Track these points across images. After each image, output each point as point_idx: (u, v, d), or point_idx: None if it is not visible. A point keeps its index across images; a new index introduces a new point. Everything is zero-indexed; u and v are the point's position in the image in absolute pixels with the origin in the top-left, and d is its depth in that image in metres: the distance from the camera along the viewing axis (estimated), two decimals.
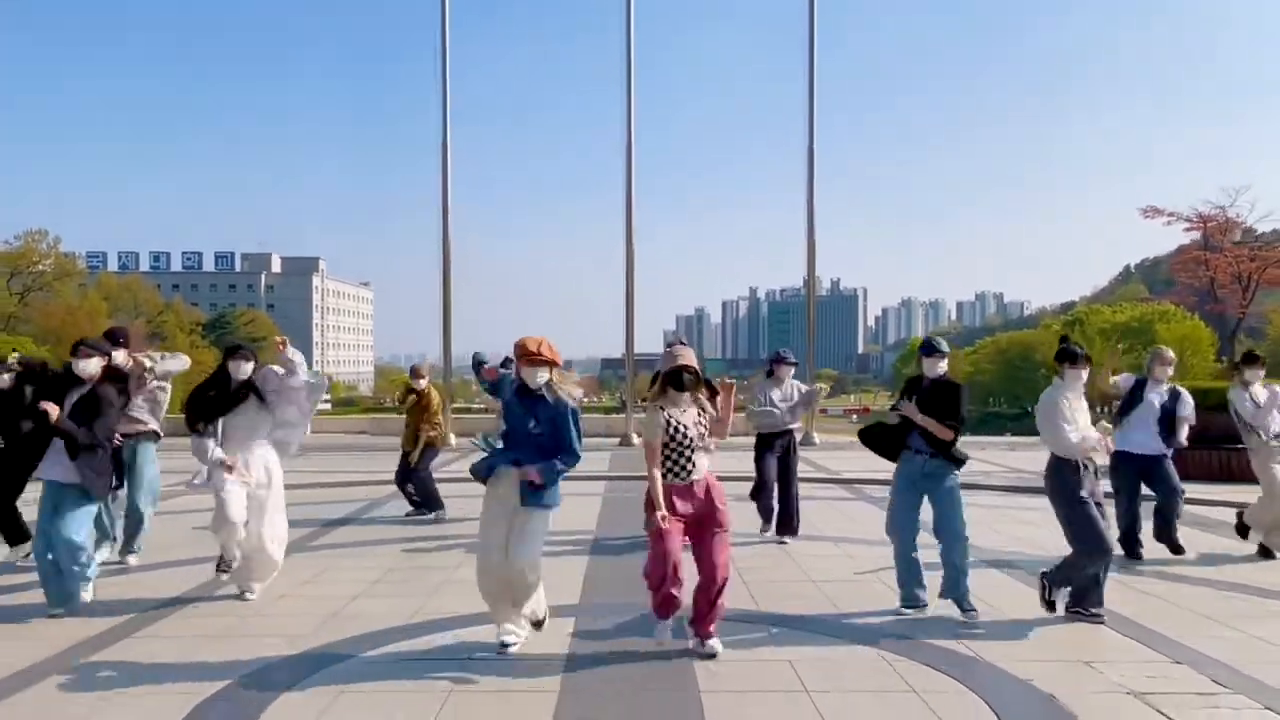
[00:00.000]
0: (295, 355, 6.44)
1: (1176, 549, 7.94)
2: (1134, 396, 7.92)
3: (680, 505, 5.17)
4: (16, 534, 7.67)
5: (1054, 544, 6.86)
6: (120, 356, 6.97)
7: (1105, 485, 6.33)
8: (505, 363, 5.79)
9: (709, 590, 5.14)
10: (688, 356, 5.26)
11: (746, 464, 9.17)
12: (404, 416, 10.54)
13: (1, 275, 72.96)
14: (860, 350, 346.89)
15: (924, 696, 4.56)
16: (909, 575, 6.16)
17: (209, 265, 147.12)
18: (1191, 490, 9.21)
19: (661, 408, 5.19)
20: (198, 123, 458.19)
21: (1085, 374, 5.97)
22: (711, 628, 5.20)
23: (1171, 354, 8.24)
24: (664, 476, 5.15)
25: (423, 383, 10.27)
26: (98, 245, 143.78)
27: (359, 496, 11.84)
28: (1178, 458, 8.12)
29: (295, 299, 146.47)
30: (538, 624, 5.43)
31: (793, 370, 9.01)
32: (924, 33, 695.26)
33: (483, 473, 5.27)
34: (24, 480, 7.24)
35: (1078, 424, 5.87)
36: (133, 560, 7.68)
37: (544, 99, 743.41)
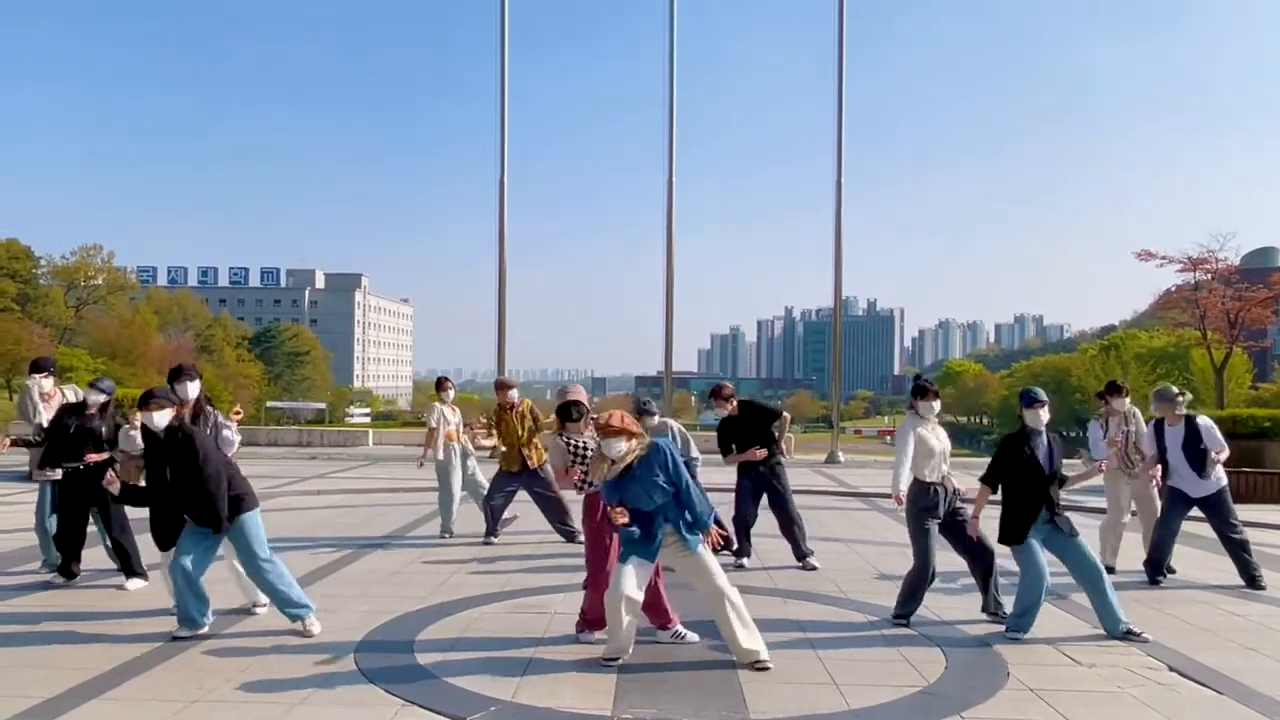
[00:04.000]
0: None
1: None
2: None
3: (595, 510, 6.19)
4: (69, 567, 7.71)
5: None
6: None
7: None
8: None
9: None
10: (578, 393, 6.53)
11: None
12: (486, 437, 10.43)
13: (59, 289, 76.22)
14: (896, 371, 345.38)
15: (903, 652, 6.09)
16: (1031, 611, 6.39)
17: (255, 280, 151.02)
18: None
19: (561, 435, 6.36)
20: (246, 141, 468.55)
21: (937, 404, 6.80)
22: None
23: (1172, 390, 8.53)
24: (580, 488, 6.29)
25: (514, 394, 9.97)
26: (147, 260, 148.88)
27: (436, 500, 13.50)
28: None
29: (338, 314, 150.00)
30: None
31: (654, 419, 8.80)
32: (963, 50, 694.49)
33: (650, 555, 5.64)
34: (88, 508, 7.61)
35: (933, 452, 6.64)
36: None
37: (586, 119, 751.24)
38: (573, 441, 6.32)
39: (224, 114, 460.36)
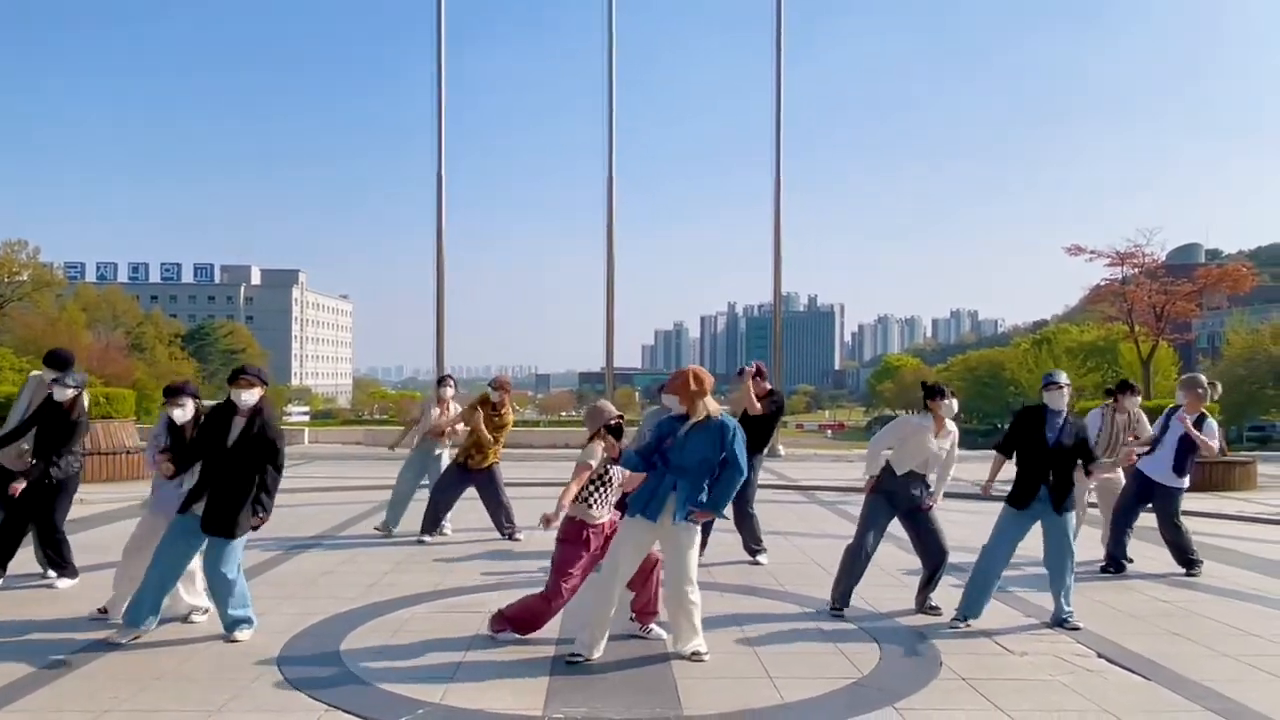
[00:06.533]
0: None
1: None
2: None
3: (594, 539, 5.84)
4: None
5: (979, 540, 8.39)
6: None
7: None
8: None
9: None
10: (610, 408, 6.09)
11: None
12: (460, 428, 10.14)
13: None
14: (837, 366, 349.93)
15: (839, 645, 6.10)
16: (984, 593, 6.53)
17: (188, 277, 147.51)
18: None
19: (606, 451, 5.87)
20: (179, 136, 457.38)
21: (954, 404, 6.76)
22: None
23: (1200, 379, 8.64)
24: (588, 505, 5.81)
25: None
26: (76, 256, 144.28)
27: (371, 499, 13.27)
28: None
29: (274, 311, 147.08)
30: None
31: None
32: (903, 51, 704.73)
33: (653, 515, 5.53)
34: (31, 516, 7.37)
35: (920, 453, 6.68)
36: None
37: (525, 118, 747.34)
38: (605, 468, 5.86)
39: (155, 109, 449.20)
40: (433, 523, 9.85)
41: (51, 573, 7.52)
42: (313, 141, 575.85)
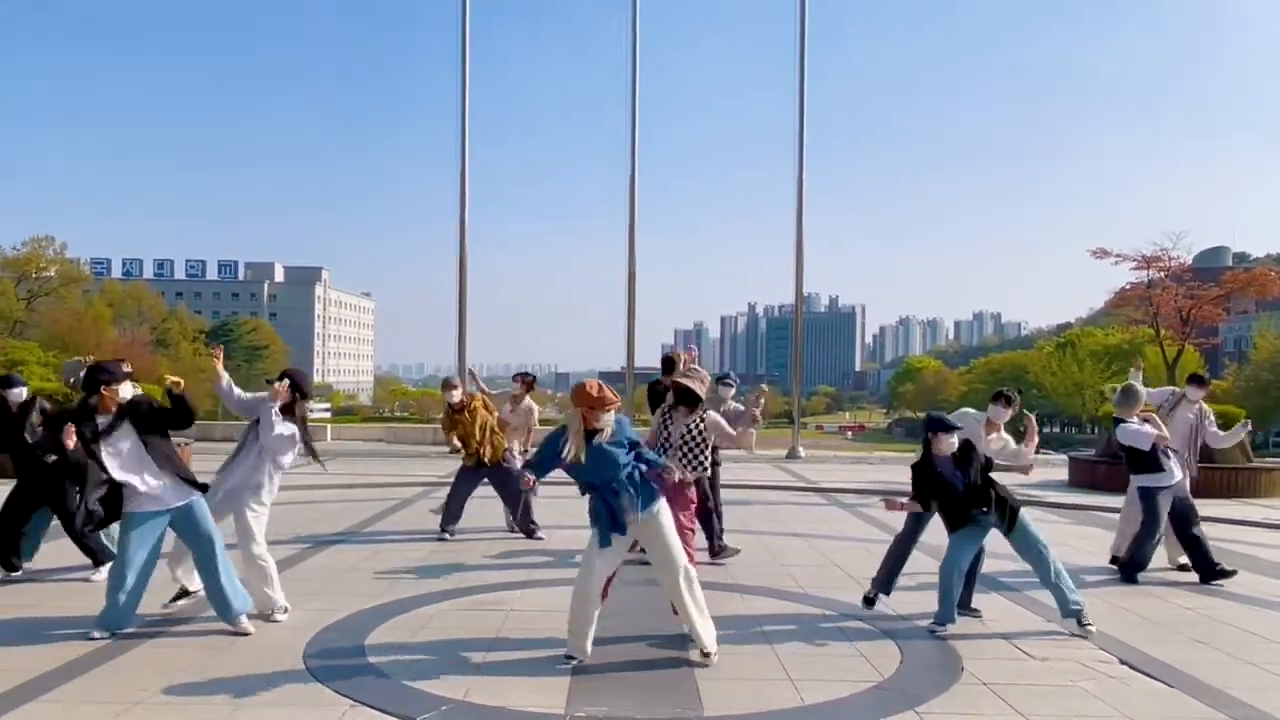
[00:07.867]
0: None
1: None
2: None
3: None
4: (8, 559, 7.61)
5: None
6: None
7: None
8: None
9: None
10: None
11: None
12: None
13: (9, 281, 74.38)
14: (858, 368, 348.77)
15: (859, 647, 6.10)
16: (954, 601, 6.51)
17: (212, 274, 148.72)
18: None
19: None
20: (203, 133, 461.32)
21: (1007, 413, 7.04)
22: None
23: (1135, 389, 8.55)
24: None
25: (456, 394, 9.93)
26: (102, 252, 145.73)
27: (394, 496, 13.38)
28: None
29: (298, 308, 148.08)
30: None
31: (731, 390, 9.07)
32: (926, 51, 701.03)
33: (621, 529, 5.54)
34: (33, 508, 7.59)
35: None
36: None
37: (548, 115, 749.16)
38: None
39: (181, 106, 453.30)
40: (449, 521, 9.91)
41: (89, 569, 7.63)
42: (334, 139, 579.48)
